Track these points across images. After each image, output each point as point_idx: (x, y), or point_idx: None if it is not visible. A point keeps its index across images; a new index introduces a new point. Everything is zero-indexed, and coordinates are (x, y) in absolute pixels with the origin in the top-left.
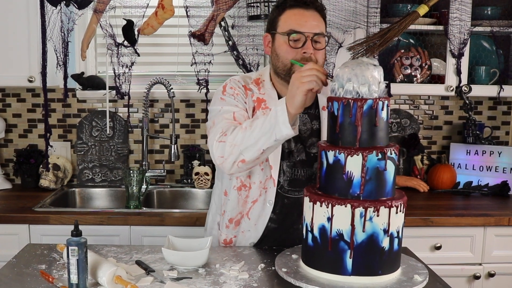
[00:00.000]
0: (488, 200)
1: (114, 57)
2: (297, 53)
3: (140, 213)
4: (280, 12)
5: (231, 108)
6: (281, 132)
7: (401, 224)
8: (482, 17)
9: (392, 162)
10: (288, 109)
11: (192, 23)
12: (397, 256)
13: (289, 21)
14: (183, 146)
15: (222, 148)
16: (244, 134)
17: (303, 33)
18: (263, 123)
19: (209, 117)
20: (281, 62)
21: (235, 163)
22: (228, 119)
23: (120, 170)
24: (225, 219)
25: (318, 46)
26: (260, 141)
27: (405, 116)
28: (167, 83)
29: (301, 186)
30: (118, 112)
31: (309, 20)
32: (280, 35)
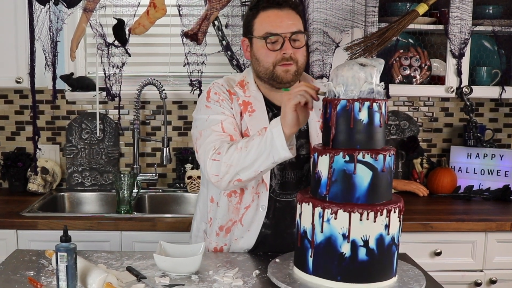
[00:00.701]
0: (489, 204)
1: (104, 57)
2: (276, 55)
3: (131, 218)
4: (254, 15)
5: (218, 117)
6: (279, 155)
7: (376, 234)
8: (484, 16)
9: (368, 167)
10: (283, 130)
11: (185, 22)
12: (375, 266)
13: (264, 24)
14: (175, 149)
15: (217, 167)
16: (240, 155)
17: (280, 34)
18: (259, 145)
19: (194, 125)
20: (262, 67)
21: (231, 182)
22: (217, 131)
23: (110, 174)
24: (215, 226)
25: (297, 44)
26: (257, 163)
27: (404, 118)
28: (159, 84)
29: (291, 189)
30: (108, 114)
31: (285, 20)
32: (257, 39)
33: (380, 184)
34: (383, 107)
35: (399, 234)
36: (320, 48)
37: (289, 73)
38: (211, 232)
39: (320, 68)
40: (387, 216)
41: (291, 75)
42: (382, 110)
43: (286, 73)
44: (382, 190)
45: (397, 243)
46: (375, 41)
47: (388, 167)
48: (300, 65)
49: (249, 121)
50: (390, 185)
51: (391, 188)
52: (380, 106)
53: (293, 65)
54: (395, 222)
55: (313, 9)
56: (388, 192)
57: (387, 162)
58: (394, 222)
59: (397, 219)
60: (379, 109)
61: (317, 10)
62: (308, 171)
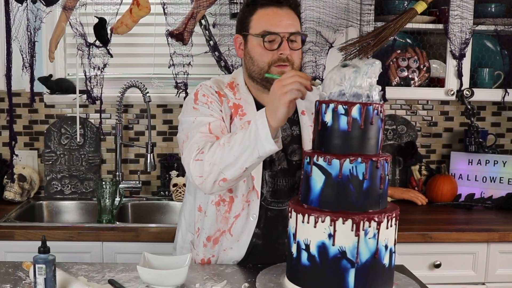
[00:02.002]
0: (491, 214)
1: (85, 58)
2: (273, 55)
3: (113, 228)
4: (252, 11)
5: (205, 118)
6: (264, 148)
7: (317, 241)
8: (486, 14)
9: (321, 171)
10: (269, 122)
11: (170, 22)
12: (317, 274)
13: (262, 21)
14: (160, 155)
15: (200, 167)
16: (223, 152)
17: (278, 34)
18: (242, 139)
19: (180, 129)
20: (257, 66)
21: (216, 182)
22: (203, 132)
23: (91, 181)
24: (202, 237)
25: (295, 45)
26: (241, 159)
27: (401, 123)
28: (142, 87)
29: (283, 197)
30: (89, 118)
31: (284, 19)
32: (253, 36)
33: (335, 191)
34: (354, 111)
35: (356, 248)
36: (313, 49)
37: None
38: (198, 243)
39: (313, 70)
40: (330, 225)
41: None
42: (353, 113)
43: (280, 75)
44: (340, 197)
45: (350, 258)
46: (371, 41)
47: (347, 175)
48: (295, 67)
49: (239, 124)
50: (356, 194)
51: (357, 197)
52: (349, 109)
53: (288, 66)
54: (346, 233)
55: (305, 7)
56: (356, 201)
57: (346, 169)
58: (343, 233)
59: (351, 231)
60: (347, 113)
61: (310, 9)
62: (300, 178)
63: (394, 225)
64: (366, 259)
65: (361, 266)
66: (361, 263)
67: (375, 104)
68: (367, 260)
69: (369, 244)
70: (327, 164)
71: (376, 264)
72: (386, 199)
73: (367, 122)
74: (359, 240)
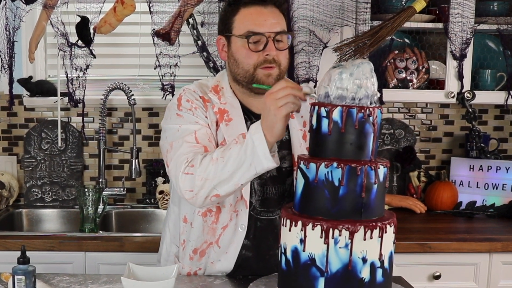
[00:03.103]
0: (494, 222)
1: (66, 59)
2: (258, 56)
3: (96, 238)
4: (234, 11)
5: (191, 126)
6: (262, 165)
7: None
8: (488, 13)
9: (302, 175)
10: (266, 137)
11: (156, 20)
12: None
13: (245, 21)
14: (145, 160)
15: (191, 181)
16: (216, 167)
17: (263, 34)
18: (237, 154)
19: (163, 137)
20: (242, 69)
21: (207, 197)
22: (190, 142)
23: (73, 188)
24: (188, 249)
25: (281, 46)
26: (236, 175)
27: (399, 127)
28: (127, 89)
29: (273, 206)
30: (71, 122)
31: (269, 18)
32: (237, 37)
33: (312, 196)
34: (335, 114)
35: (325, 256)
36: (306, 49)
37: (271, 77)
38: (183, 255)
39: (306, 71)
40: (301, 229)
41: (273, 80)
42: (333, 116)
43: (267, 77)
44: (316, 202)
45: (319, 266)
46: (367, 41)
47: (322, 179)
48: (283, 68)
49: (226, 131)
50: (331, 201)
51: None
52: (330, 112)
53: (275, 68)
54: (316, 240)
55: (298, 6)
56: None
57: (322, 174)
58: (312, 239)
59: (320, 238)
60: (328, 115)
61: (303, 7)
62: (290, 185)
63: (378, 238)
64: (337, 270)
65: (331, 276)
66: (331, 273)
67: (361, 107)
68: (338, 270)
69: (340, 254)
70: (305, 167)
71: (350, 277)
72: (378, 209)
73: (349, 126)
74: (328, 248)
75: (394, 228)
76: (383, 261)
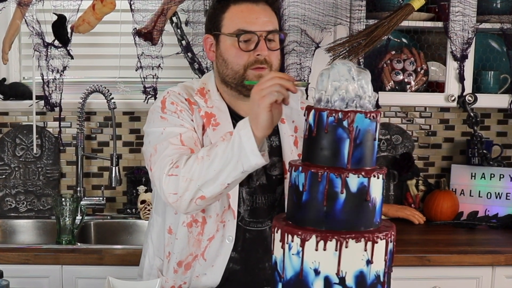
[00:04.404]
0: (497, 234)
1: (42, 60)
2: (249, 56)
3: (74, 250)
4: (224, 8)
5: (175, 129)
6: (249, 161)
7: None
8: (490, 11)
9: None
10: (254, 132)
11: (138, 19)
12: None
13: (236, 19)
14: (126, 168)
15: (175, 183)
16: (202, 166)
17: (255, 33)
18: (224, 151)
19: (146, 141)
20: (231, 69)
21: (192, 200)
22: (175, 144)
23: (49, 198)
24: (172, 262)
25: (273, 45)
26: (223, 174)
27: (396, 132)
28: (106, 92)
29: (263, 216)
30: (47, 127)
31: (260, 16)
32: (226, 36)
33: (288, 201)
34: (310, 117)
35: (282, 262)
36: (298, 49)
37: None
38: (167, 269)
39: (298, 73)
40: (271, 232)
41: None
42: (309, 119)
43: (258, 79)
44: (288, 206)
45: (278, 270)
46: (362, 40)
47: (292, 183)
48: (274, 69)
49: (213, 136)
50: (296, 206)
51: (297, 209)
52: (307, 114)
53: (266, 69)
54: (277, 243)
55: (288, 3)
56: (296, 213)
57: (292, 178)
58: (276, 242)
59: (279, 242)
60: (306, 118)
61: (294, 5)
62: (281, 194)
63: (334, 251)
64: (290, 277)
65: (286, 282)
66: (286, 279)
67: (332, 110)
68: (291, 278)
69: (293, 261)
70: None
71: (302, 287)
72: (351, 222)
73: (320, 130)
74: (284, 254)
75: (367, 245)
76: (344, 278)
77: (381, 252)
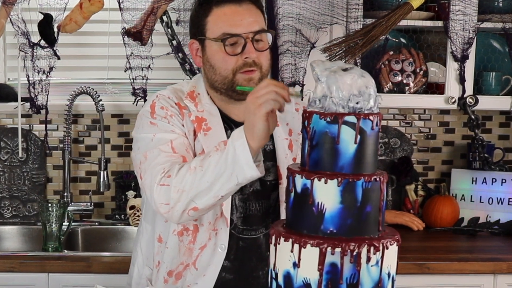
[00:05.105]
0: (499, 241)
1: (28, 60)
2: (237, 60)
3: (60, 257)
4: (206, 11)
5: (166, 135)
6: (244, 174)
7: None
8: (492, 10)
9: None
10: (249, 143)
11: (127, 18)
12: None
13: (220, 22)
14: (114, 172)
15: (166, 193)
16: (194, 177)
17: (241, 35)
18: (217, 162)
19: (135, 148)
20: (220, 75)
21: (184, 211)
22: (166, 151)
23: (35, 203)
24: (162, 271)
25: (261, 46)
26: (216, 186)
27: (394, 135)
28: (94, 94)
29: (257, 224)
30: (33, 130)
31: (245, 17)
32: (211, 41)
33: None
34: None
35: None
36: (292, 50)
37: (252, 81)
38: (157, 278)
39: (292, 74)
40: None
41: (255, 84)
42: None
43: (249, 82)
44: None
45: None
46: (359, 40)
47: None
48: (264, 71)
49: (204, 141)
50: None
51: None
52: None
53: (256, 71)
54: None
55: (283, 2)
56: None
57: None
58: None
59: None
60: None
61: (288, 3)
62: (276, 200)
63: (273, 246)
64: None
65: None
66: None
67: (304, 110)
68: None
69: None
70: None
71: None
72: (297, 220)
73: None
74: None
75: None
76: (277, 274)
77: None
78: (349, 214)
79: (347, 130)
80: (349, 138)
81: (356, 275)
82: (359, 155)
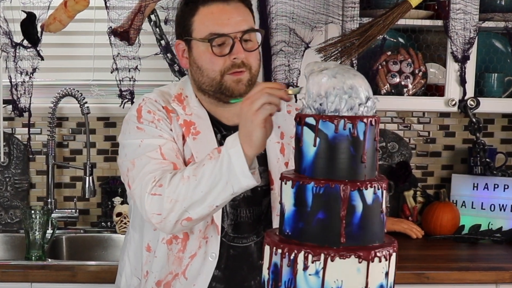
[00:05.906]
0: (501, 249)
1: (10, 61)
2: (225, 61)
3: (44, 266)
4: (193, 11)
5: (154, 141)
6: (240, 183)
7: None
8: (494, 9)
9: None
10: (244, 151)
11: (113, 17)
12: None
13: (206, 22)
14: (100, 178)
15: (158, 203)
16: (188, 187)
17: (228, 35)
18: (212, 172)
19: (122, 154)
20: (207, 77)
21: (178, 222)
22: (156, 158)
23: (18, 210)
24: (151, 281)
25: (250, 46)
26: (211, 196)
27: (392, 139)
28: (79, 96)
29: (248, 231)
30: (15, 134)
31: (233, 16)
32: (198, 41)
33: None
34: None
35: None
36: (286, 50)
37: (241, 83)
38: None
39: (286, 75)
40: None
41: (244, 86)
42: None
43: (237, 84)
44: None
45: None
46: (356, 40)
47: None
48: (254, 72)
49: (194, 146)
50: None
51: None
52: None
53: (245, 72)
54: None
55: (276, 0)
56: None
57: None
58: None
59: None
60: None
61: (282, 2)
62: (268, 207)
63: None
64: None
65: None
66: None
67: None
68: None
69: None
70: None
71: None
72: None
73: None
74: None
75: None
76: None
77: None
78: (300, 218)
79: (308, 132)
80: (309, 140)
81: (292, 281)
82: (319, 159)
